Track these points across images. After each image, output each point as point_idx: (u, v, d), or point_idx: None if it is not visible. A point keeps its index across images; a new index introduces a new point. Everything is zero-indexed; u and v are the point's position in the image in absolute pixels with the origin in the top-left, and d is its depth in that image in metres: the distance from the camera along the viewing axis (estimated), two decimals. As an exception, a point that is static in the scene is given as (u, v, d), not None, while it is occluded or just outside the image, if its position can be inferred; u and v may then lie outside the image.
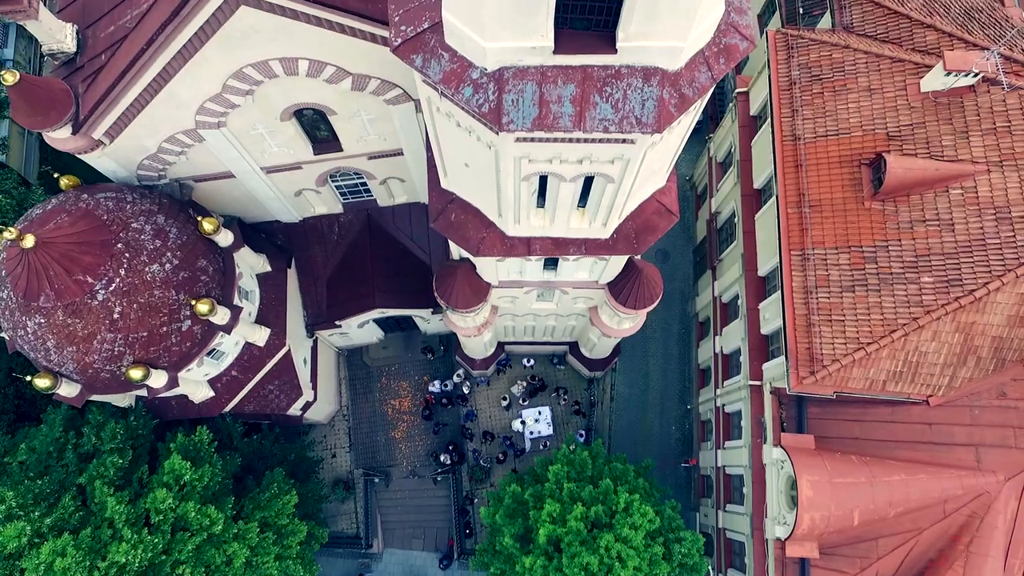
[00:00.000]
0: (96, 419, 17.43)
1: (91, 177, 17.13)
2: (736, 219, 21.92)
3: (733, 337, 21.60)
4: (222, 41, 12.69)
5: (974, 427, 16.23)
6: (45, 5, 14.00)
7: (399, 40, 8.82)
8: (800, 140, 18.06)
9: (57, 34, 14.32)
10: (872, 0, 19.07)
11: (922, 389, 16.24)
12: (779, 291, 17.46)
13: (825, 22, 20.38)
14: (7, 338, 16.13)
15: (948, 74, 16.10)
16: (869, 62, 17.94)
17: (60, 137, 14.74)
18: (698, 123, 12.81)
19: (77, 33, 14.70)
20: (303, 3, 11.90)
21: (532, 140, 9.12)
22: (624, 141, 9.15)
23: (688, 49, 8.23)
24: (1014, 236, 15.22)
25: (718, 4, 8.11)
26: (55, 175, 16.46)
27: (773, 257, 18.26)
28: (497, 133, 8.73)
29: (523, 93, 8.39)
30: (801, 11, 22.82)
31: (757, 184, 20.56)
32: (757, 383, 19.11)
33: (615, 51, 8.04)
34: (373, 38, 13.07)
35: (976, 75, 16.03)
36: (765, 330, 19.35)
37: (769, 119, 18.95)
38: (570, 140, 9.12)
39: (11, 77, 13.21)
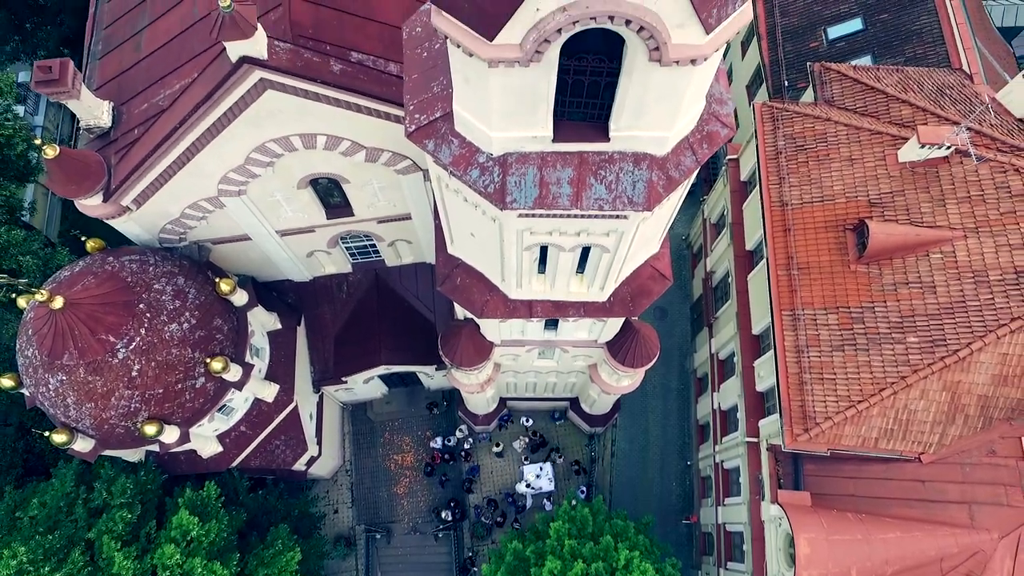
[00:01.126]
0: (107, 474, 17.80)
1: (111, 236, 18.05)
2: (730, 279, 22.74)
3: (730, 394, 22.08)
4: (248, 120, 13.80)
5: (966, 484, 16.55)
6: (85, 85, 15.25)
7: (413, 127, 9.80)
8: (787, 206, 19.05)
9: (95, 111, 15.51)
10: (850, 77, 20.44)
11: (914, 446, 16.65)
12: (772, 350, 18.09)
13: (808, 96, 21.73)
14: (27, 394, 16.71)
15: (923, 146, 17.20)
16: (850, 134, 19.12)
17: (91, 204, 15.74)
18: (692, 186, 13.73)
19: (113, 109, 15.91)
20: (324, 87, 13.04)
21: (533, 216, 9.99)
22: (618, 217, 10.01)
23: (673, 137, 9.18)
24: (993, 299, 15.96)
25: (699, 99, 9.11)
26: (82, 238, 17.40)
27: (765, 317, 18.97)
28: (501, 210, 9.59)
29: (525, 176, 9.30)
30: (786, 84, 24.32)
31: (749, 246, 21.48)
32: (754, 440, 19.50)
33: (608, 139, 8.98)
34: (386, 116, 14.19)
35: (949, 148, 17.12)
36: (760, 387, 19.87)
37: (758, 185, 20.01)
38: (568, 216, 9.98)
39: (52, 151, 14.27)
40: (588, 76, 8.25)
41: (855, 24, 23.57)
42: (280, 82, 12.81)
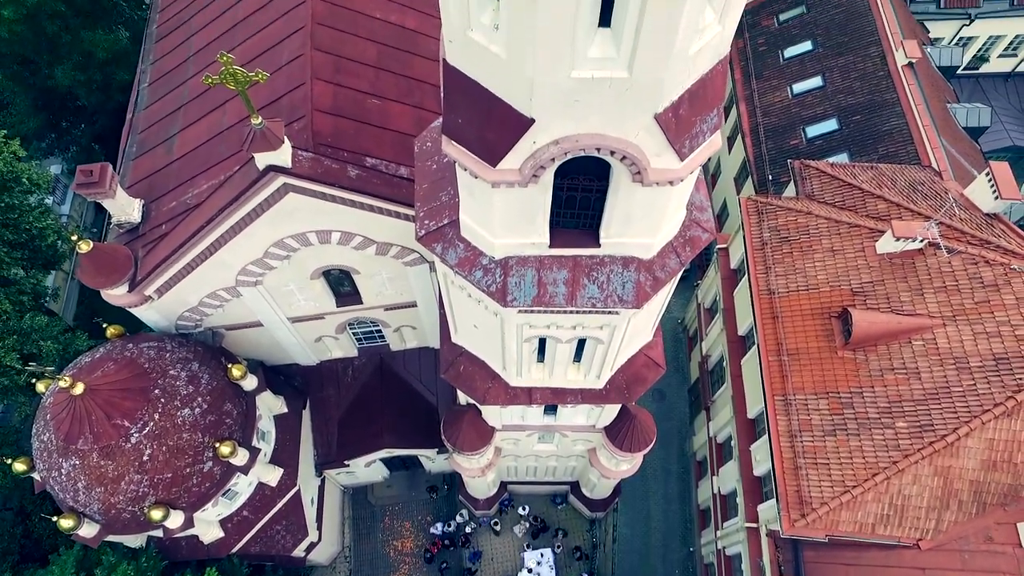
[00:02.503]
0: (109, 560, 17.82)
1: (127, 320, 18.85)
2: (725, 363, 23.40)
3: (729, 478, 22.24)
4: (269, 218, 14.98)
5: (966, 572, 16.55)
6: (119, 183, 16.56)
7: (423, 232, 10.85)
8: (775, 294, 20.01)
9: (127, 208, 16.77)
10: (828, 173, 21.93)
11: (911, 532, 16.78)
12: (767, 434, 18.52)
13: (791, 190, 23.18)
14: (38, 479, 17.06)
15: (898, 239, 18.33)
16: (830, 227, 20.34)
17: (116, 294, 16.70)
18: (686, 271, 14.70)
19: (143, 206, 17.18)
20: (341, 191, 14.27)
21: (532, 312, 10.86)
22: (610, 313, 10.87)
23: (658, 243, 10.18)
24: (975, 385, 16.59)
25: (680, 210, 10.18)
26: (103, 324, 18.25)
27: (759, 401, 19.50)
28: (503, 307, 10.46)
29: (524, 277, 10.24)
30: (770, 177, 25.90)
31: (741, 331, 22.28)
32: (754, 525, 19.56)
33: (599, 245, 9.97)
34: (396, 214, 15.39)
35: (922, 241, 18.25)
36: (758, 472, 20.11)
37: (746, 274, 21.05)
38: (564, 312, 10.85)
39: (86, 246, 15.37)
40: (580, 192, 9.33)
41: (831, 125, 25.40)
42: (301, 186, 14.05)
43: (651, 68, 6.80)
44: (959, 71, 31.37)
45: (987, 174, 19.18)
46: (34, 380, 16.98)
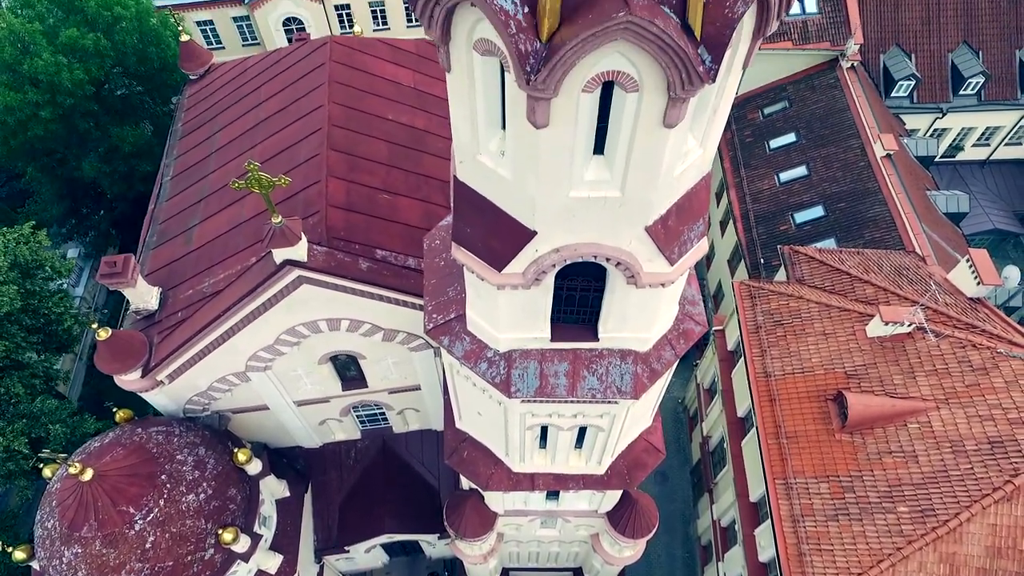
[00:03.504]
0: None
1: (133, 402, 19.12)
2: (725, 444, 23.51)
3: (734, 564, 21.89)
4: (283, 308, 15.67)
5: (980, 666, 16.16)
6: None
7: (431, 325, 11.49)
8: (771, 377, 20.45)
9: (145, 296, 17.50)
10: (817, 259, 22.86)
11: (921, 623, 16.50)
12: (770, 519, 18.48)
13: (782, 274, 24.05)
14: (36, 568, 16.91)
15: (887, 324, 18.98)
16: (821, 311, 21.05)
17: (129, 379, 17.16)
18: (685, 351, 15.14)
19: (160, 294, 17.92)
20: (353, 282, 15.04)
21: (534, 402, 11.34)
22: (609, 403, 11.35)
23: (654, 336, 10.80)
24: (972, 468, 16.78)
25: (673, 306, 10.87)
26: (113, 409, 18.59)
27: (760, 485, 19.55)
28: (507, 398, 10.96)
29: (527, 369, 10.79)
30: (762, 261, 26.87)
31: (740, 413, 22.55)
32: (762, 615, 19.17)
33: (598, 339, 10.58)
34: (403, 303, 16.10)
35: (910, 325, 18.89)
36: (763, 558, 19.88)
37: (743, 357, 21.56)
38: (566, 402, 11.33)
39: (104, 333, 15.97)
40: (579, 291, 10.04)
41: (818, 211, 26.62)
42: (315, 278, 14.82)
43: (641, 189, 7.65)
44: (937, 159, 33.04)
45: (968, 261, 20.06)
46: (41, 464, 17.14)
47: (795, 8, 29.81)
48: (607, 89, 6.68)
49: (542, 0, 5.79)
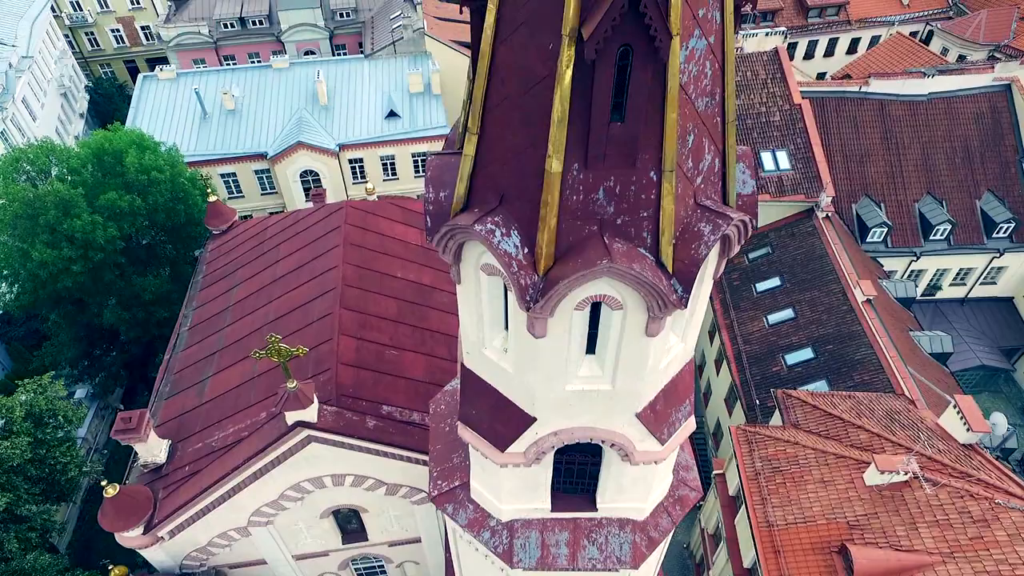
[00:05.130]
0: None
1: (125, 553, 18.76)
2: (734, 597, 22.76)
3: None
4: (290, 465, 16.08)
5: None
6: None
7: (436, 492, 11.94)
8: (774, 527, 20.32)
9: (155, 449, 17.90)
10: (810, 403, 23.45)
11: None
12: None
13: (778, 417, 24.52)
14: None
15: (882, 473, 19.22)
16: (818, 457, 21.31)
17: (130, 536, 17.14)
18: None
19: (169, 446, 18.33)
20: (360, 441, 15.59)
21: (537, 571, 11.53)
22: (609, 571, 11.53)
23: (650, 505, 11.24)
24: (986, 630, 16.35)
25: (668, 476, 11.42)
26: (109, 567, 18.31)
27: (772, 646, 18.83)
28: (510, 567, 11.18)
29: (529, 539, 11.13)
30: (757, 402, 27.40)
31: (746, 564, 22.07)
32: None
33: (596, 509, 11.03)
34: (407, 459, 16.52)
35: (906, 474, 19.13)
36: None
37: (744, 505, 21.51)
38: (567, 571, 11.52)
39: (112, 490, 16.21)
40: (577, 463, 10.65)
41: (807, 353, 27.57)
42: (324, 437, 15.39)
43: (629, 383, 8.56)
44: (917, 298, 34.57)
45: (955, 408, 20.67)
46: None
47: (770, 165, 32.67)
48: (596, 304, 7.78)
49: (539, 245, 7.02)
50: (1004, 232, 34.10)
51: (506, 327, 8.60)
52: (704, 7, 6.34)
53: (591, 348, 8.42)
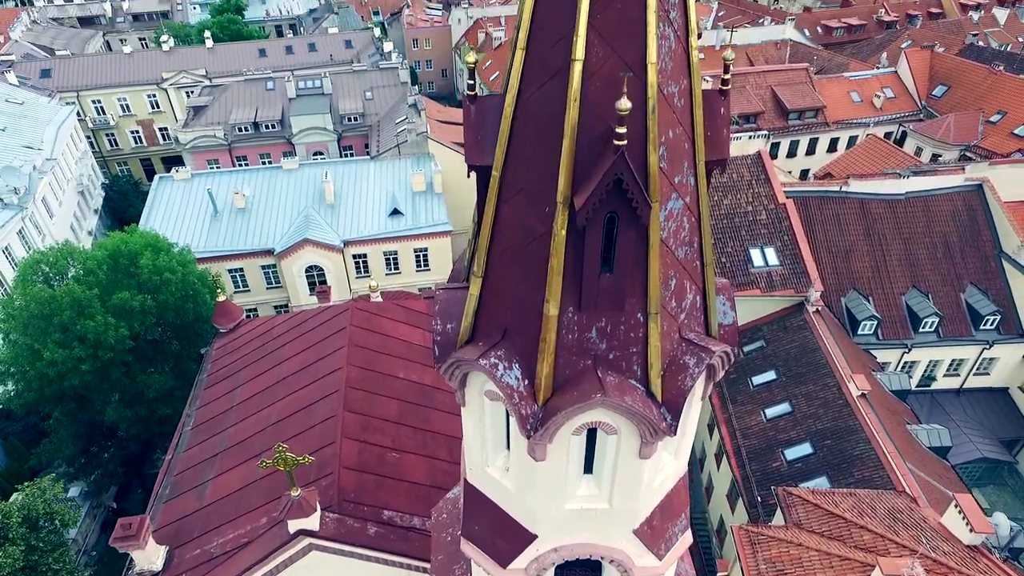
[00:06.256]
0: None
1: None
2: None
3: None
4: (289, 574, 15.97)
5: None
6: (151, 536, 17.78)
7: (438, 604, 11.97)
8: (782, 635, 19.79)
9: (152, 556, 17.73)
10: (811, 502, 23.35)
11: None
12: None
13: (780, 516, 24.30)
14: None
15: (888, 577, 18.96)
16: (822, 559, 21.03)
17: (121, 651, 16.70)
18: None
19: (167, 553, 18.16)
20: (361, 548, 15.59)
21: None
22: None
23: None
24: None
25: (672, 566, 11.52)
26: None
27: None
28: None
29: (531, 657, 11.07)
30: (759, 499, 27.18)
31: (756, 676, 21.26)
32: None
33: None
34: (408, 567, 16.41)
35: (913, 579, 18.86)
36: None
37: (750, 612, 21.01)
38: None
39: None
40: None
41: (806, 448, 27.63)
42: (325, 546, 15.40)
43: (626, 501, 8.98)
44: (913, 388, 34.93)
45: (957, 507, 20.66)
46: None
47: (759, 261, 33.95)
48: (593, 429, 8.34)
49: (538, 378, 7.68)
50: (991, 324, 34.95)
51: (508, 447, 9.11)
52: (679, 174, 7.34)
53: (589, 469, 8.90)
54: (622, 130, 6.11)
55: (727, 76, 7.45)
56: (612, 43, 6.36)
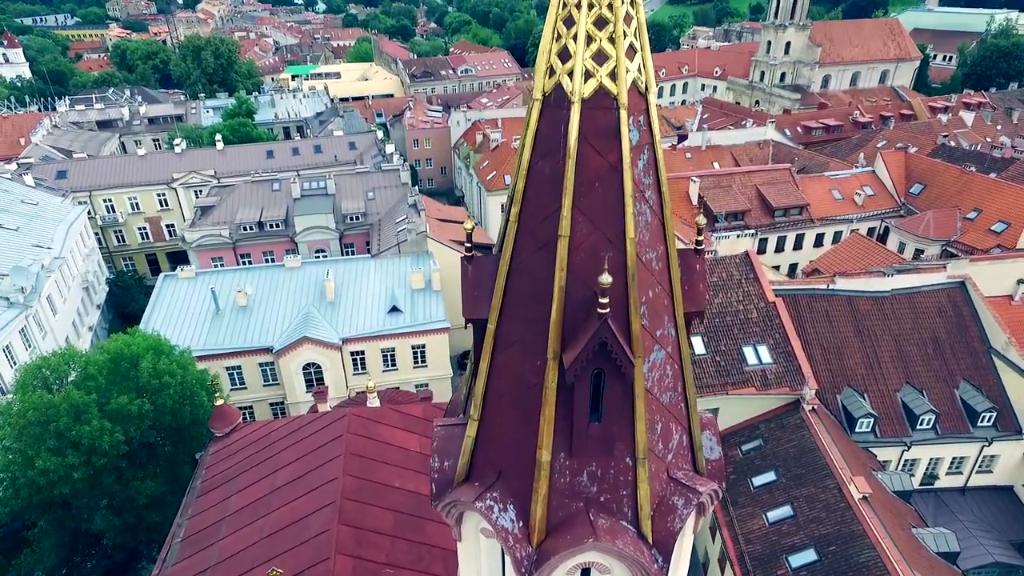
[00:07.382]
0: None
1: None
2: None
3: None
4: None
5: None
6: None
7: None
8: None
9: None
10: (818, 616, 22.56)
11: None
12: None
13: (787, 630, 23.38)
14: None
15: None
16: None
17: None
18: None
19: None
20: None
21: None
22: None
23: None
24: None
25: None
26: None
27: None
28: None
29: None
30: None
31: None
32: None
33: None
34: None
35: None
36: None
37: None
38: None
39: None
40: None
41: (811, 555, 26.91)
42: (315, 676, 14.88)
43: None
44: (916, 487, 34.39)
45: (966, 622, 19.99)
46: None
47: (753, 359, 34.35)
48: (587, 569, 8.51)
49: (532, 520, 7.96)
50: (988, 420, 34.92)
51: (503, 579, 9.22)
52: (661, 328, 7.96)
53: (584, 602, 8.97)
54: (605, 300, 6.77)
55: (701, 237, 8.24)
56: (595, 220, 7.15)
